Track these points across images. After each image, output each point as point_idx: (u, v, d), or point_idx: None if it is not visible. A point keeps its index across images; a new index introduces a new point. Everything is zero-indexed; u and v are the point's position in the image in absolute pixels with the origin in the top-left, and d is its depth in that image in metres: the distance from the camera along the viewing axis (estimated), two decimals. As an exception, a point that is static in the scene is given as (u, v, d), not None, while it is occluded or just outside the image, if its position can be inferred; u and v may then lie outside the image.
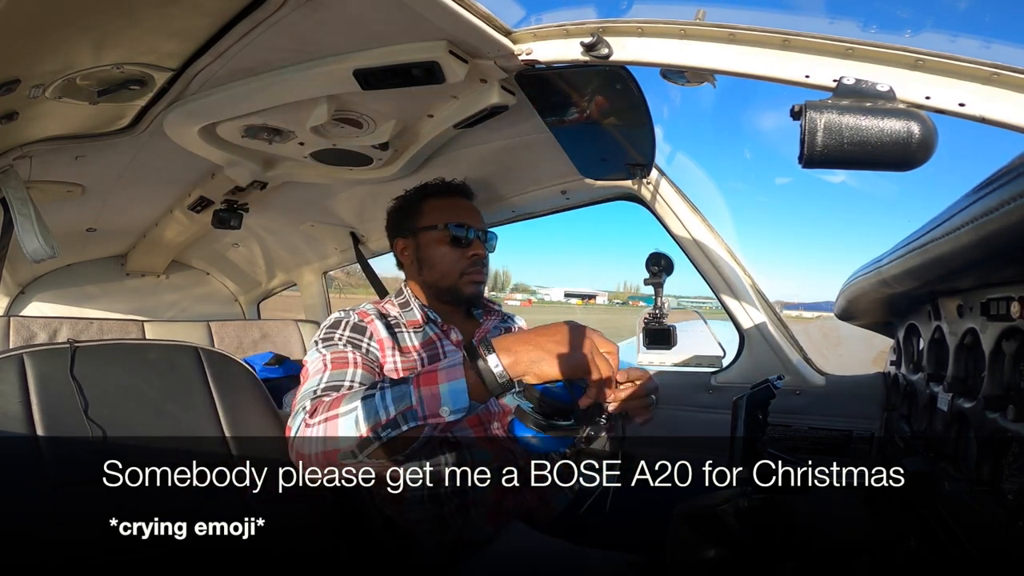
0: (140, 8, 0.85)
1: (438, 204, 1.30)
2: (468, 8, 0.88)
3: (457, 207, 1.30)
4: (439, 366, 0.88)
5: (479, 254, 1.28)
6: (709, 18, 0.83)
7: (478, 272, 1.29)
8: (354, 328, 1.15)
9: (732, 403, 0.98)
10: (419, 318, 1.25)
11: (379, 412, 0.87)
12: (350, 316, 1.18)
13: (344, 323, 1.16)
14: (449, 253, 1.26)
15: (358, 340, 1.14)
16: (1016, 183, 0.52)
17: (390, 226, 1.37)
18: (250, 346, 2.72)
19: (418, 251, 1.29)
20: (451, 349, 1.22)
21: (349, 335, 1.14)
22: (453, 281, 1.27)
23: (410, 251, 1.30)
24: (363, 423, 0.88)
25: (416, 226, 1.29)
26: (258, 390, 1.24)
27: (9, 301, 2.56)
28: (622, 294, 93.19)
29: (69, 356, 1.07)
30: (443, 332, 1.25)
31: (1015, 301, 0.71)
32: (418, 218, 1.29)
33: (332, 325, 1.16)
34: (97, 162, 1.47)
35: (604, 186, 1.56)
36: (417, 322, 1.24)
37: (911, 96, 0.68)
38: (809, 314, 9.72)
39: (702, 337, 1.66)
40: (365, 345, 1.14)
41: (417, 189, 1.35)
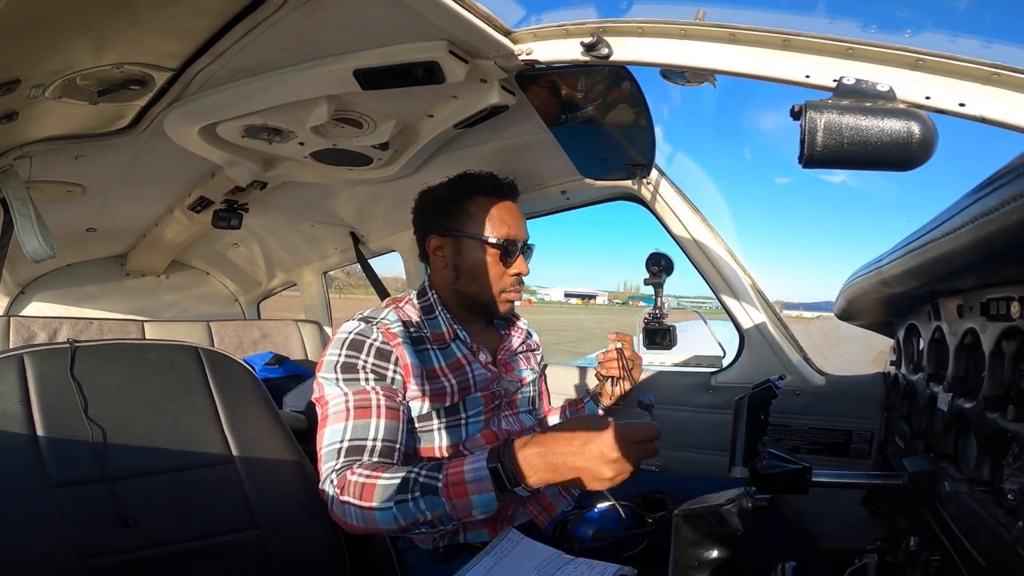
0: (140, 8, 0.85)
1: (485, 206, 1.15)
2: (468, 8, 0.88)
3: (506, 214, 1.16)
4: (465, 474, 0.88)
5: (523, 272, 1.18)
6: (709, 18, 0.83)
7: (517, 291, 1.19)
8: (379, 354, 1.05)
9: (734, 403, 0.98)
10: (445, 333, 1.16)
11: (415, 515, 0.90)
12: (374, 335, 1.06)
13: (368, 347, 1.05)
14: (492, 268, 1.15)
15: (382, 369, 1.05)
16: (1016, 183, 0.52)
17: (424, 219, 1.21)
18: (250, 346, 2.73)
19: (457, 256, 1.16)
20: (480, 372, 1.15)
21: (373, 363, 1.04)
22: (491, 297, 1.17)
23: (446, 253, 1.17)
24: (400, 520, 0.91)
25: (459, 228, 1.15)
26: (258, 390, 1.23)
27: (9, 301, 2.56)
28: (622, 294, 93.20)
29: (69, 356, 1.07)
30: (472, 353, 1.17)
31: (1015, 301, 0.71)
32: (462, 219, 1.15)
33: (354, 345, 1.05)
34: (97, 162, 1.47)
35: (604, 186, 1.56)
36: (443, 337, 1.16)
37: (911, 96, 0.68)
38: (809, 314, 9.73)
39: (702, 337, 1.66)
40: (390, 375, 1.05)
41: (462, 181, 1.19)
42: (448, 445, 1.12)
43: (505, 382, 1.21)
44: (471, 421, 1.14)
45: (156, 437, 1.08)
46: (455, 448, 1.12)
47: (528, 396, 1.29)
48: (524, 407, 1.26)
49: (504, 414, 1.20)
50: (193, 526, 1.04)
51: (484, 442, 1.14)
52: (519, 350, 1.29)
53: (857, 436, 1.41)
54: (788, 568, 0.74)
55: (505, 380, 1.22)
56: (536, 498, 1.18)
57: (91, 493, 0.98)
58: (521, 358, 1.29)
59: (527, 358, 1.31)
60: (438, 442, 1.11)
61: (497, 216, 1.15)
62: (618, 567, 0.92)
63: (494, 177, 1.19)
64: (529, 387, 1.29)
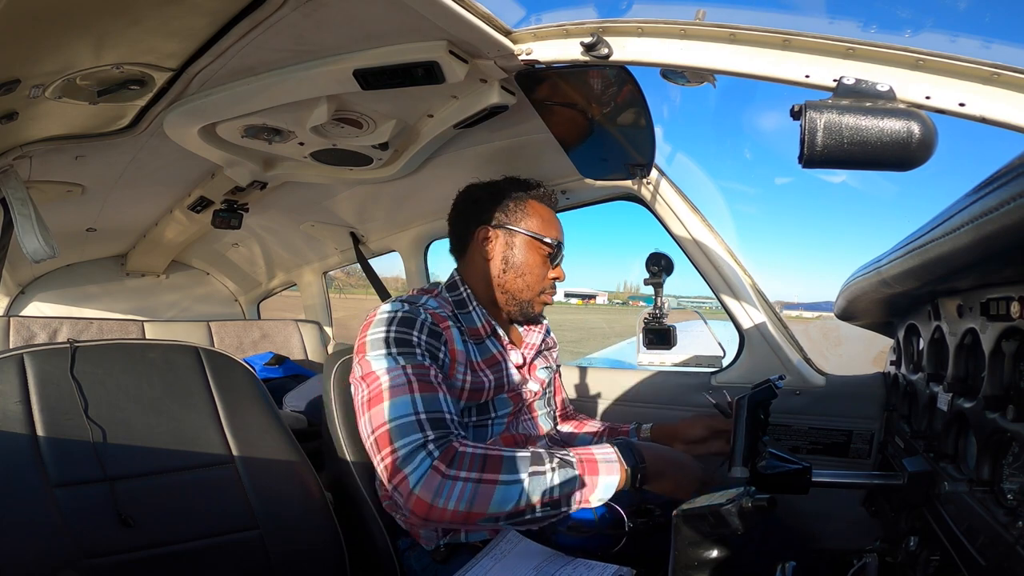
0: (140, 8, 0.84)
1: (542, 211, 1.21)
2: (468, 8, 0.88)
3: (555, 224, 1.22)
4: (596, 454, 0.94)
5: (560, 278, 1.23)
6: (709, 18, 0.83)
7: (551, 295, 1.24)
8: (431, 333, 1.03)
9: (734, 402, 0.98)
10: (481, 328, 1.16)
11: (547, 491, 0.88)
12: (423, 315, 1.04)
13: (420, 324, 1.02)
14: (540, 268, 1.19)
15: (435, 349, 1.02)
16: (1016, 183, 0.52)
17: (474, 209, 1.20)
18: (250, 346, 2.73)
19: (509, 250, 1.18)
20: (512, 372, 1.16)
21: (427, 341, 1.01)
22: (531, 296, 1.20)
23: (497, 245, 1.18)
24: (531, 497, 0.87)
25: (517, 223, 1.18)
26: (258, 390, 1.23)
27: (9, 301, 2.56)
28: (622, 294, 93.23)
29: (69, 356, 1.07)
30: (506, 351, 1.19)
31: (1015, 301, 0.71)
32: (521, 216, 1.19)
33: (405, 322, 1.01)
34: (97, 162, 1.47)
35: (604, 186, 1.56)
36: (479, 332, 1.15)
37: (911, 96, 0.68)
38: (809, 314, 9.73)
39: (702, 337, 1.66)
40: (442, 356, 1.03)
41: (522, 184, 1.23)
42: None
43: (530, 383, 1.22)
44: (496, 422, 1.14)
45: (156, 437, 1.08)
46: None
47: (546, 398, 1.30)
48: (542, 409, 1.27)
49: (524, 417, 1.20)
50: (193, 526, 1.04)
51: (503, 444, 1.14)
52: (540, 349, 1.30)
53: (857, 436, 1.41)
54: (788, 568, 0.74)
55: (530, 381, 1.23)
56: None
57: (91, 493, 0.98)
58: (540, 358, 1.30)
59: (545, 357, 1.32)
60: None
61: (549, 220, 1.21)
62: (617, 567, 0.92)
63: (543, 185, 1.25)
64: (548, 389, 1.30)
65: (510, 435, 1.15)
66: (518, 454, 0.91)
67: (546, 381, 1.29)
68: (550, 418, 1.31)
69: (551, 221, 1.22)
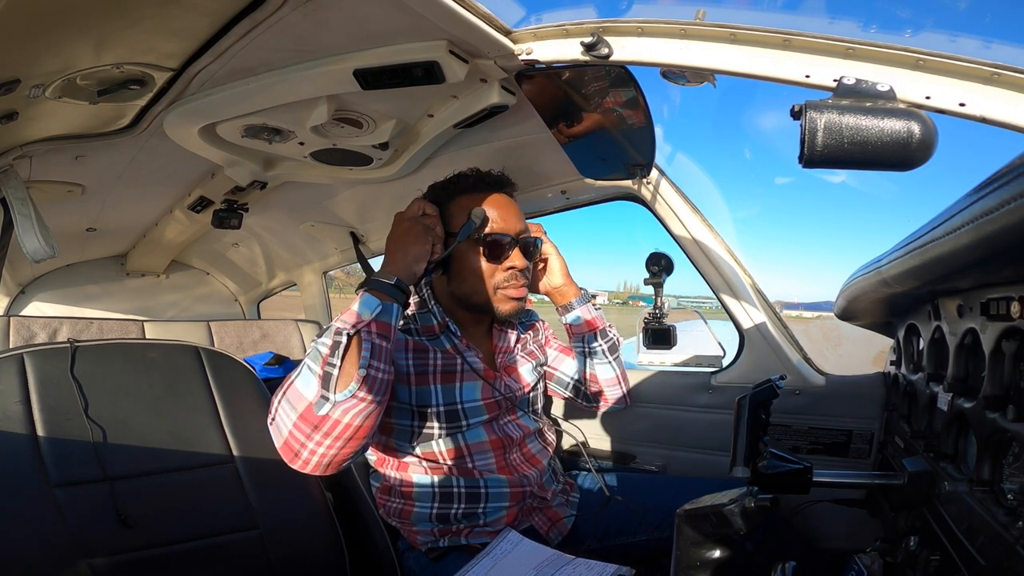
0: (140, 8, 0.84)
1: (471, 203, 1.11)
2: (468, 8, 0.88)
3: (494, 206, 1.12)
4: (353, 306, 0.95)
5: (518, 266, 1.11)
6: (709, 18, 0.83)
7: (516, 287, 1.12)
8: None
9: (735, 403, 0.98)
10: (436, 326, 1.12)
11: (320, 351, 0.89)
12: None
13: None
14: (482, 265, 1.10)
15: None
16: (1016, 183, 0.52)
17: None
18: (250, 346, 2.72)
19: (445, 259, 1.11)
20: (473, 360, 1.13)
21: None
22: (486, 298, 1.12)
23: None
24: (314, 366, 0.89)
25: (451, 228, 1.11)
26: (258, 390, 1.23)
27: (9, 301, 2.56)
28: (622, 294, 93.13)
29: (69, 356, 1.07)
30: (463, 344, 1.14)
31: (1015, 301, 0.71)
32: (446, 220, 1.11)
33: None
34: (97, 162, 1.47)
35: (604, 186, 1.56)
36: (433, 330, 1.12)
37: (911, 96, 0.68)
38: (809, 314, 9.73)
39: (702, 337, 1.66)
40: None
41: (448, 182, 1.16)
42: (448, 449, 1.12)
43: (507, 385, 1.20)
44: (471, 428, 1.13)
45: (156, 437, 1.08)
46: (457, 452, 1.12)
47: (529, 398, 1.28)
48: (525, 408, 1.26)
49: (506, 420, 1.19)
50: (193, 526, 1.04)
51: (490, 447, 1.14)
52: (516, 350, 1.28)
53: (857, 436, 1.41)
54: (788, 568, 0.74)
55: (506, 383, 1.21)
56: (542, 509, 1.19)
57: (91, 493, 0.98)
58: (520, 358, 1.28)
59: (529, 355, 1.31)
60: (438, 447, 1.12)
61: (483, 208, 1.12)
62: (616, 567, 0.93)
63: (479, 172, 1.17)
64: (531, 389, 1.28)
65: (497, 437, 1.15)
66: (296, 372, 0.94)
67: (529, 382, 1.26)
68: (537, 420, 1.28)
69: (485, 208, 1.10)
